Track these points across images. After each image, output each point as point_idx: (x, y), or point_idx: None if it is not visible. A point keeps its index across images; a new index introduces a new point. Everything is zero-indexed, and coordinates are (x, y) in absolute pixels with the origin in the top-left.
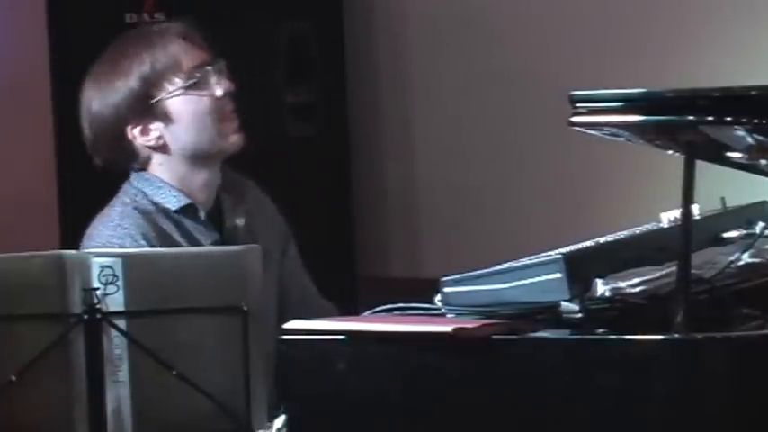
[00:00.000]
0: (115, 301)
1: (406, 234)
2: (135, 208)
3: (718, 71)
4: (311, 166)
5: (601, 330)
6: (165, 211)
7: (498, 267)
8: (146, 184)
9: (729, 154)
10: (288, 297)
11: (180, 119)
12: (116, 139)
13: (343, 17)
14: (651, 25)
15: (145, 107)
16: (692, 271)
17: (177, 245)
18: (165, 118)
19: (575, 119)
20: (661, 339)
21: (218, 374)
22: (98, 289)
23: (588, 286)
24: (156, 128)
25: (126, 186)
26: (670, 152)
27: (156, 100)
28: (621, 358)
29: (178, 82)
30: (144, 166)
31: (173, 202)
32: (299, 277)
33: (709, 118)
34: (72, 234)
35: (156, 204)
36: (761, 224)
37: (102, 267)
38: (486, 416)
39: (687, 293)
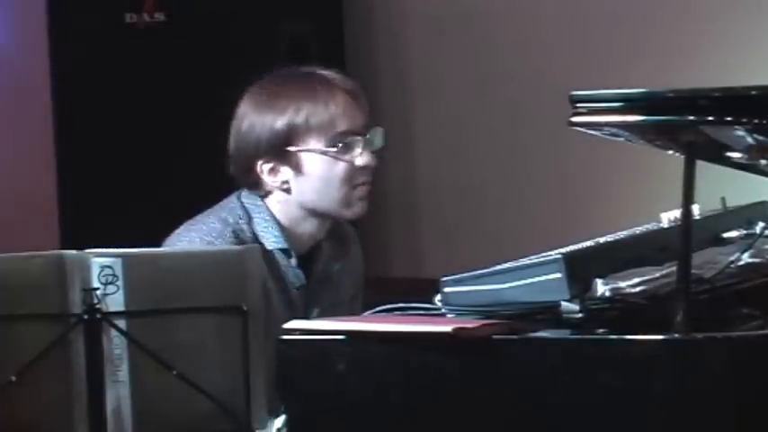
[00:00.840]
0: (115, 301)
1: (407, 234)
2: (234, 231)
3: (718, 71)
4: None
5: (601, 330)
6: (260, 245)
7: (498, 267)
8: (255, 209)
9: (729, 154)
10: None
11: (310, 175)
12: (246, 166)
13: (343, 17)
14: (651, 25)
15: (281, 151)
16: (692, 271)
17: (264, 283)
18: (297, 168)
19: (575, 119)
20: (661, 339)
21: (218, 374)
22: (98, 289)
23: (588, 286)
24: (285, 173)
25: (233, 201)
26: (670, 152)
27: (293, 149)
28: (621, 358)
29: (323, 141)
30: (263, 194)
31: (271, 241)
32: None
33: (710, 118)
34: (72, 234)
35: (254, 235)
36: (761, 224)
37: (102, 267)
38: (486, 416)
39: (687, 293)
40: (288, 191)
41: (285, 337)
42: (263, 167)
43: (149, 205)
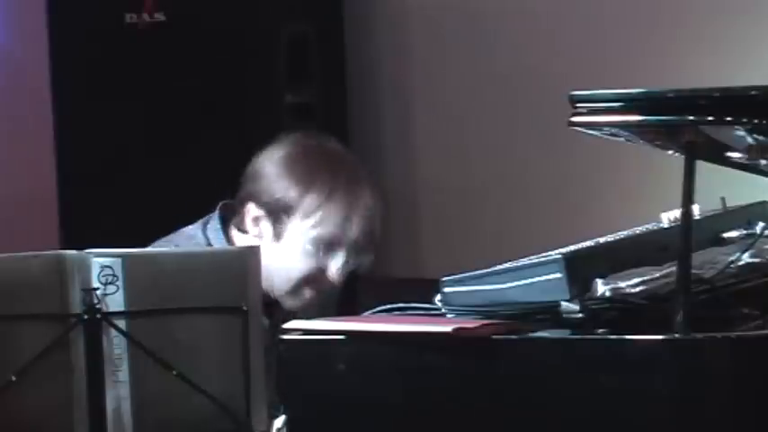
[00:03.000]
0: (115, 301)
1: (407, 234)
2: None
3: (718, 71)
4: None
5: (601, 330)
6: None
7: (498, 267)
8: (218, 244)
9: (729, 154)
10: None
11: (282, 248)
12: (242, 197)
13: (343, 17)
14: (651, 25)
15: (276, 213)
16: (692, 271)
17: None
18: (277, 235)
19: (575, 119)
20: (661, 339)
21: (218, 374)
22: (98, 289)
23: (588, 286)
24: (265, 230)
25: (199, 234)
26: (670, 152)
27: (286, 220)
28: (621, 358)
29: (316, 239)
30: (241, 230)
31: None
32: None
33: (710, 118)
34: (72, 234)
35: None
36: (761, 224)
37: (102, 267)
38: (486, 416)
39: (687, 293)
40: (258, 240)
41: (285, 337)
42: (251, 211)
43: (149, 205)
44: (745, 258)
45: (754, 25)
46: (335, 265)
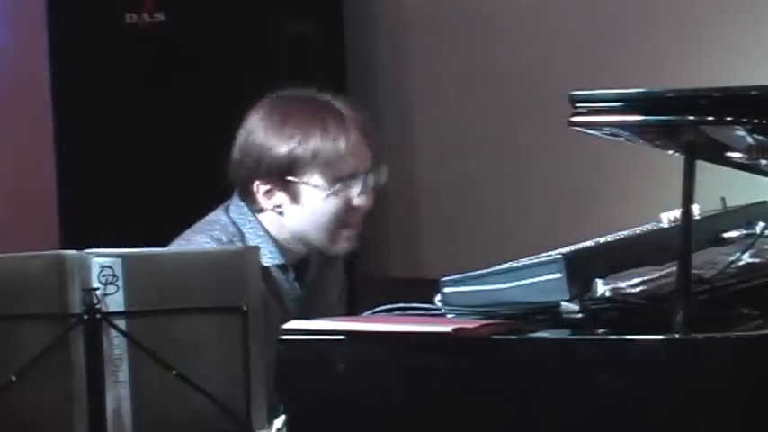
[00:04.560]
0: (115, 301)
1: (407, 234)
2: None
3: (718, 71)
4: None
5: (601, 330)
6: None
7: (498, 267)
8: (246, 224)
9: (729, 154)
10: None
11: (305, 206)
12: (244, 181)
13: (343, 17)
14: (651, 25)
15: (280, 178)
16: (692, 271)
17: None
18: (293, 197)
19: (575, 119)
20: (661, 339)
21: (218, 374)
22: (98, 289)
23: (588, 286)
24: (280, 198)
25: (223, 217)
26: (670, 152)
27: (293, 180)
28: (621, 358)
29: (325, 177)
30: (257, 210)
31: (267, 257)
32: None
33: (710, 118)
34: (72, 234)
35: None
36: (761, 224)
37: (102, 267)
38: (486, 416)
39: (687, 293)
40: (281, 214)
41: (285, 337)
42: (260, 188)
43: (149, 205)
44: (745, 258)
45: (754, 25)
46: (357, 189)
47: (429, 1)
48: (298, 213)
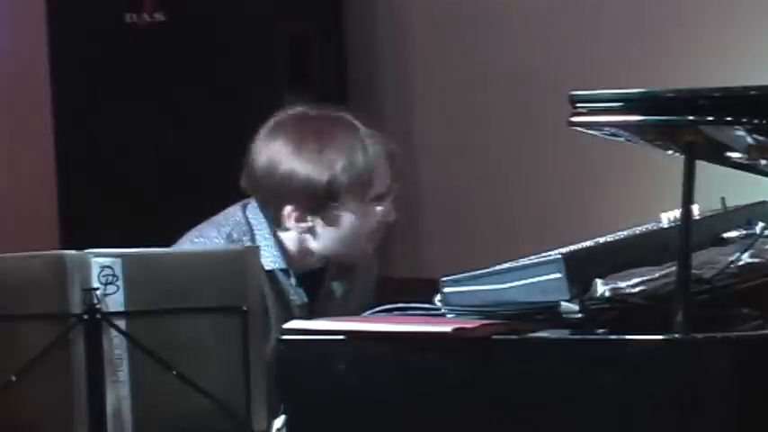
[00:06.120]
0: (115, 301)
1: (407, 234)
2: None
3: (718, 71)
4: None
5: (601, 330)
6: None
7: (498, 267)
8: (257, 225)
9: (729, 154)
10: None
11: (341, 229)
12: (272, 203)
13: (343, 17)
14: (651, 25)
15: (317, 206)
16: (692, 271)
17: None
18: (329, 221)
19: (575, 119)
20: (661, 339)
21: (218, 374)
22: (98, 289)
23: (588, 286)
24: (314, 222)
25: (239, 215)
26: (670, 152)
27: (333, 207)
28: (621, 358)
29: (359, 199)
30: (282, 228)
31: (269, 260)
32: None
33: (710, 118)
34: (72, 234)
35: None
36: (761, 224)
37: (102, 267)
38: (485, 416)
39: (687, 293)
40: (309, 233)
41: (285, 337)
42: (291, 213)
43: (149, 205)
44: (745, 258)
45: (755, 25)
46: (387, 206)
47: (429, 1)
48: (330, 234)
